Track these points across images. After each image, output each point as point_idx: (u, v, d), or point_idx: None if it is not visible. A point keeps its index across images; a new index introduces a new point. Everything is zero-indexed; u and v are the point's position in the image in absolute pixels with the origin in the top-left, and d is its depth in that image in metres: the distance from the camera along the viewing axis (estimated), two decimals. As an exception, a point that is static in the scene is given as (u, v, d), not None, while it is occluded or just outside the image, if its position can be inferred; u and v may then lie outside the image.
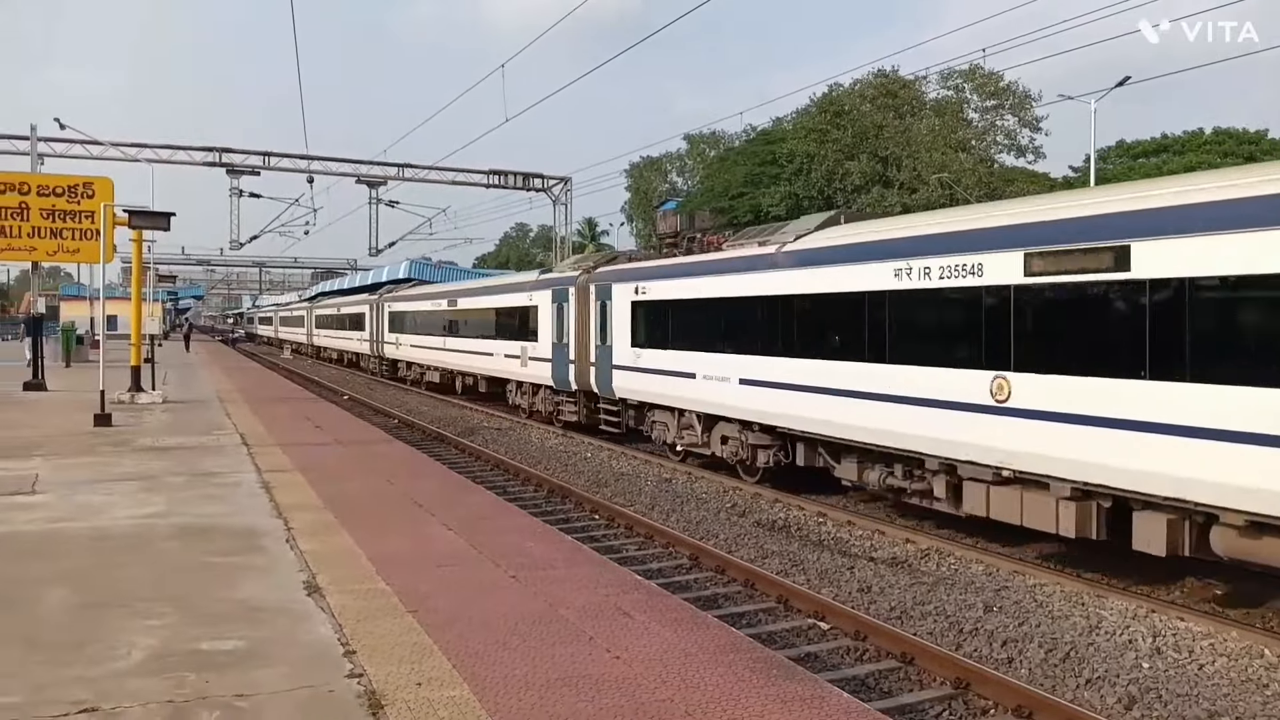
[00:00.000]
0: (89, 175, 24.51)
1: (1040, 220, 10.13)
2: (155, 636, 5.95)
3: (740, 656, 5.87)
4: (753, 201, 47.24)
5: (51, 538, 8.61)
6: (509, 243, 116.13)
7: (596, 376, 20.46)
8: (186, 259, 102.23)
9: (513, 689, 5.21)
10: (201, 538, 8.65)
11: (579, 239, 70.66)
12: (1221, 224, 8.28)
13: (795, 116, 49.78)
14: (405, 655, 5.67)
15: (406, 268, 52.06)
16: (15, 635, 5.94)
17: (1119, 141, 54.91)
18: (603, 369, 20.13)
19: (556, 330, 22.44)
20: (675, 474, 17.13)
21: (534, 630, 6.21)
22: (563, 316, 22.10)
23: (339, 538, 8.69)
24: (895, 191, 44.16)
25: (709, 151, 63.06)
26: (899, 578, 10.57)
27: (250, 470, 12.46)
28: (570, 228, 50.90)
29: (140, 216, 20.55)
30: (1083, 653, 8.31)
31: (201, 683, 5.22)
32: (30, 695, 5.01)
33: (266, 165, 42.44)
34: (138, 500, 10.31)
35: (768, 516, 13.81)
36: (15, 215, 22.04)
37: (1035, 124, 46.41)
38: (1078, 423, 9.44)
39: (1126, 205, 9.32)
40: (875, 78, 46.28)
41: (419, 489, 11.53)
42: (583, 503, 14.57)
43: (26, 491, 10.70)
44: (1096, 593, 9.83)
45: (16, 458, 13.12)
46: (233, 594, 6.90)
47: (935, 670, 7.83)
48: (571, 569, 7.96)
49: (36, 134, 28.05)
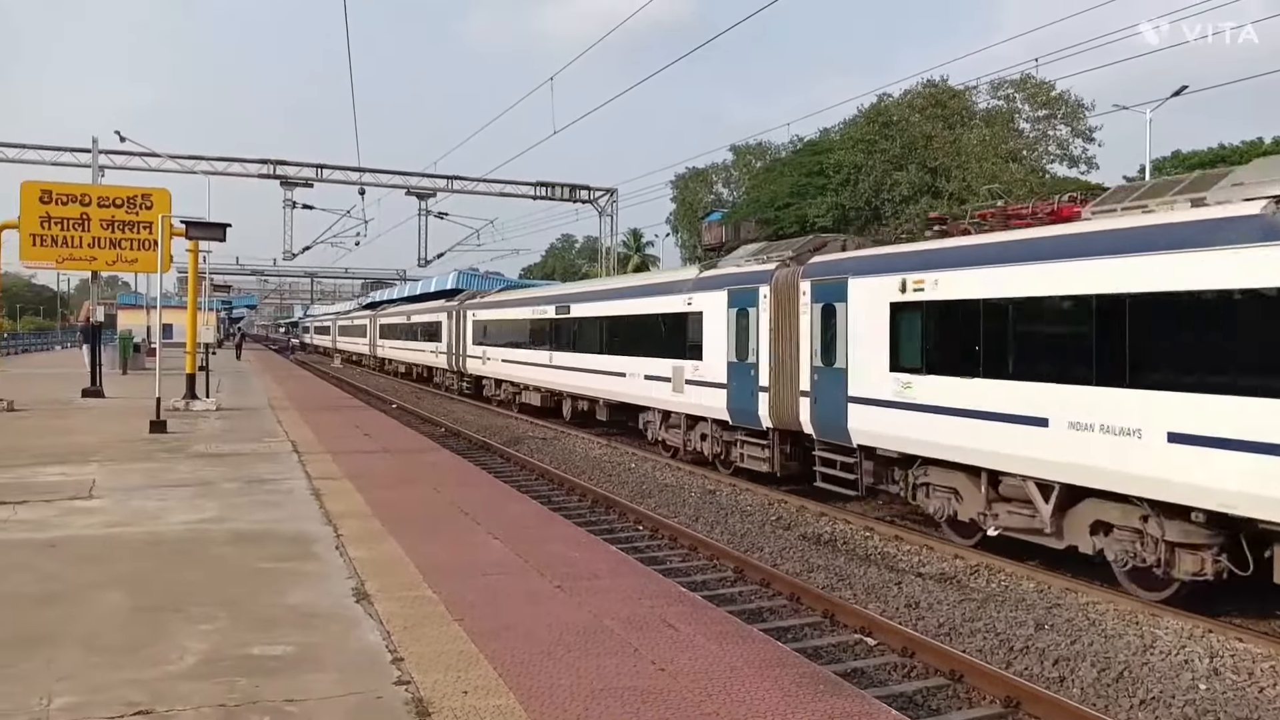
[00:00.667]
0: (148, 187, 25.08)
1: None
2: (208, 640, 6.04)
3: (787, 671, 5.82)
4: (799, 212, 47.07)
5: (108, 542, 8.79)
6: (555, 254, 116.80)
7: (813, 411, 14.75)
8: (240, 269, 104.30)
9: (558, 699, 5.21)
10: (253, 543, 8.78)
11: (624, 250, 70.91)
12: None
13: (843, 127, 49.57)
14: (452, 663, 5.71)
15: (454, 278, 52.58)
16: (73, 637, 6.06)
17: (1175, 152, 53.92)
18: (827, 401, 14.37)
19: (735, 344, 16.88)
20: (720, 486, 17.07)
21: (579, 641, 6.22)
22: (747, 325, 16.54)
23: (387, 545, 8.77)
24: (944, 202, 43.72)
25: (755, 163, 62.92)
26: (948, 594, 10.44)
27: (301, 477, 12.63)
28: (615, 239, 51.11)
29: (197, 227, 20.96)
30: (1137, 673, 8.15)
31: (252, 687, 5.29)
32: (87, 696, 5.11)
33: (319, 177, 43.21)
34: (192, 506, 10.50)
35: (813, 530, 13.71)
36: (77, 226, 22.60)
37: (1088, 134, 45.76)
38: None
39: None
40: (924, 87, 45.94)
41: (465, 497, 11.61)
42: (627, 513, 14.59)
43: (84, 496, 10.93)
44: (1151, 611, 9.62)
45: (74, 463, 13.42)
46: (283, 599, 6.99)
47: (985, 688, 7.72)
48: (616, 580, 7.95)
49: (98, 147, 28.85)
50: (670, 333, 19.56)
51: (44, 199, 22.46)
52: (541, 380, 27.63)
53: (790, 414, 15.37)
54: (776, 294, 15.84)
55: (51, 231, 22.40)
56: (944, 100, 45.61)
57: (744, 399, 16.61)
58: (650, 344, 20.38)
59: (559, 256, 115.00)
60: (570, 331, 25.60)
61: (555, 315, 26.71)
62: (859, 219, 45.88)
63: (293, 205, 44.03)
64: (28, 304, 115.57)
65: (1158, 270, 9.36)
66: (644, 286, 22.01)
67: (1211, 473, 8.75)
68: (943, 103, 45.64)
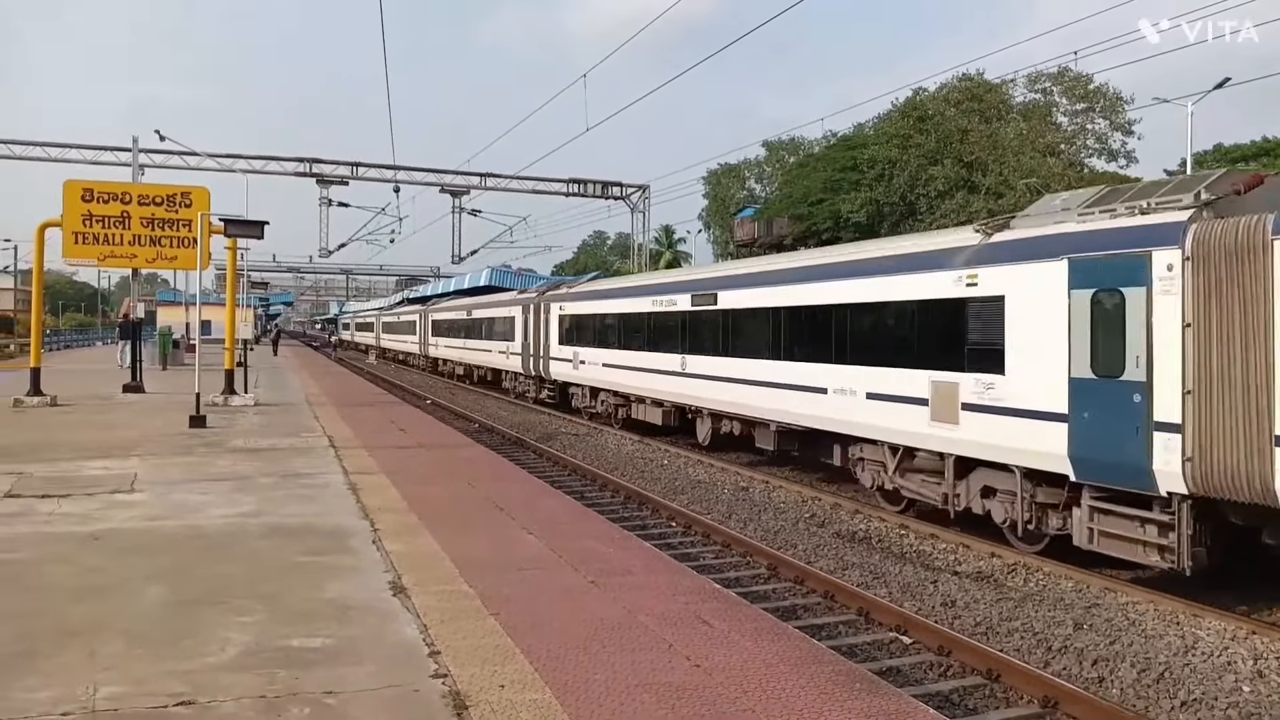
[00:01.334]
0: (187, 185, 25.41)
1: None
2: (248, 633, 6.12)
3: (822, 669, 5.80)
4: (832, 208, 46.83)
5: (149, 535, 8.93)
6: (587, 250, 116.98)
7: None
8: (277, 266, 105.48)
9: (594, 694, 5.23)
10: (291, 537, 8.88)
11: (656, 246, 70.86)
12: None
13: (877, 122, 49.22)
14: (488, 657, 5.74)
15: (487, 275, 52.86)
16: (116, 629, 6.16)
17: (1217, 145, 53.01)
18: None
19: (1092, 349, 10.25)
20: (752, 482, 17.01)
21: (614, 636, 6.23)
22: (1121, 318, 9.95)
23: (423, 539, 8.83)
24: (981, 197, 43.30)
25: (788, 158, 62.66)
26: (984, 592, 10.34)
27: (337, 472, 12.75)
28: (647, 235, 51.09)
29: (235, 225, 21.21)
30: (1178, 674, 8.02)
31: (291, 679, 5.35)
32: (131, 687, 5.20)
33: (355, 175, 43.59)
34: (231, 500, 10.64)
35: (848, 527, 13.64)
36: (118, 224, 22.93)
37: (1127, 127, 45.10)
38: None
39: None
40: (960, 81, 45.51)
41: (500, 492, 11.67)
42: (659, 510, 14.58)
43: (126, 490, 11.11)
44: (1192, 612, 9.47)
45: (116, 457, 13.64)
46: (321, 593, 7.07)
47: (1023, 688, 7.64)
48: (650, 576, 7.96)
49: (138, 146, 29.25)
50: (922, 330, 13.22)
51: (85, 197, 22.81)
52: (667, 391, 21.37)
53: (1241, 469, 8.94)
54: (1201, 260, 9.34)
55: (93, 229, 22.74)
56: (980, 94, 45.15)
57: (1111, 438, 10.10)
58: (878, 347, 14.15)
59: (591, 253, 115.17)
60: (717, 328, 19.21)
61: (692, 307, 20.23)
62: (893, 214, 45.58)
63: (329, 203, 44.49)
64: (69, 301, 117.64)
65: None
66: (876, 260, 14.61)
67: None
68: (979, 96, 45.18)
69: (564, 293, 29.84)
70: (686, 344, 20.27)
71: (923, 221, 43.16)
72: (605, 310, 25.86)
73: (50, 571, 7.57)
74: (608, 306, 25.74)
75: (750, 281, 18.32)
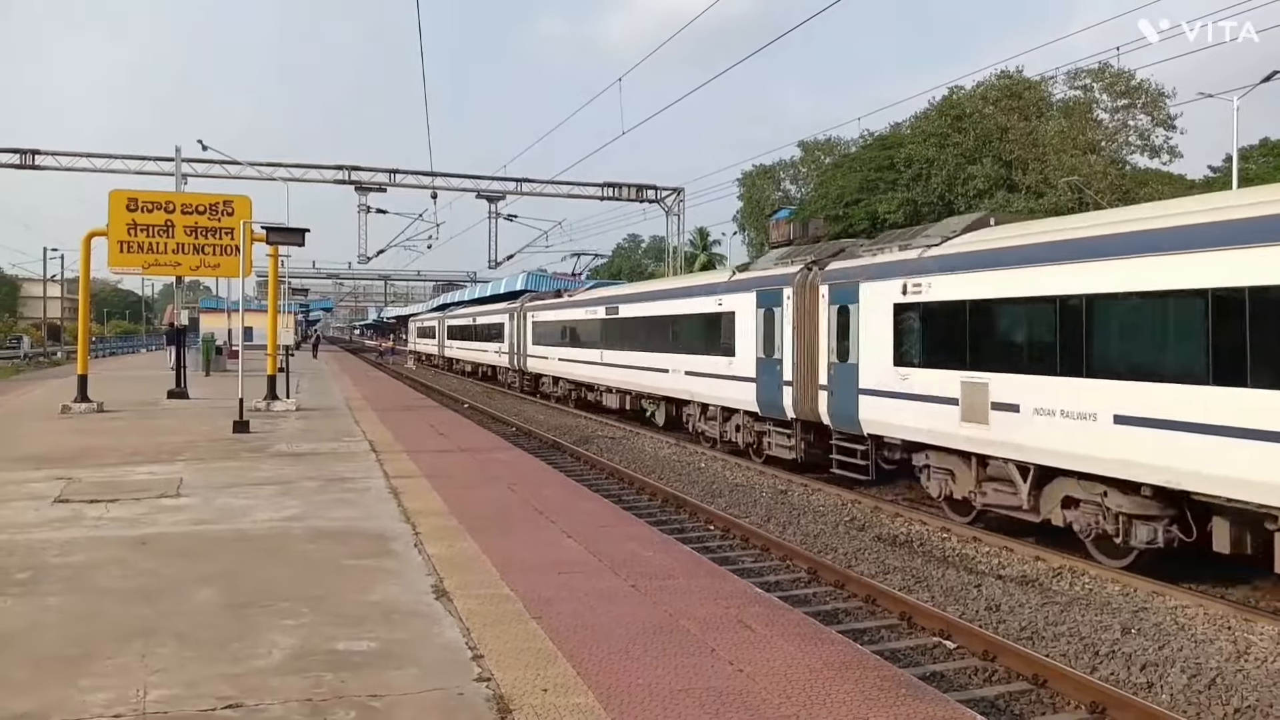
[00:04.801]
0: (229, 194, 25.77)
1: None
2: (294, 636, 6.19)
3: (866, 673, 5.75)
4: (869, 208, 46.49)
5: (196, 538, 9.06)
6: (621, 254, 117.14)
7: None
8: (317, 273, 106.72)
9: (636, 698, 5.22)
10: (335, 541, 8.97)
11: (690, 249, 70.76)
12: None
13: (914, 121, 48.81)
14: (531, 661, 5.76)
15: (524, 279, 53.04)
16: (167, 631, 6.26)
17: (1263, 140, 51.99)
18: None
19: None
20: (791, 485, 16.94)
21: (655, 640, 6.22)
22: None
23: (464, 543, 8.88)
24: (1021, 196, 42.80)
25: (824, 158, 62.28)
26: (1029, 597, 10.21)
27: (379, 476, 12.86)
28: (682, 238, 51.03)
29: (276, 233, 21.47)
30: (1230, 680, 7.87)
31: (338, 682, 5.40)
32: (182, 690, 5.27)
33: (393, 182, 43.95)
34: (275, 504, 10.76)
35: (888, 531, 13.53)
36: (161, 233, 23.29)
37: (1170, 123, 44.38)
38: None
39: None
40: (999, 79, 45.02)
41: (539, 496, 11.71)
42: (698, 513, 14.56)
43: (172, 495, 11.28)
44: (1244, 616, 9.30)
45: (163, 462, 13.86)
46: (366, 596, 7.13)
47: (1069, 693, 7.54)
48: (690, 579, 7.94)
49: (181, 155, 29.75)
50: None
51: (130, 207, 23.19)
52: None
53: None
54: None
55: (138, 238, 23.11)
56: (1019, 91, 44.64)
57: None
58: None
59: (625, 256, 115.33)
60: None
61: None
62: (931, 214, 45.16)
63: (367, 210, 44.88)
64: (114, 308, 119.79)
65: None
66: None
67: None
68: (1018, 94, 44.67)
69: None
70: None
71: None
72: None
73: (101, 575, 7.70)
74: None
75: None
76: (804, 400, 16.77)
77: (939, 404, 13.12)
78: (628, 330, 26.32)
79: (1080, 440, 10.76)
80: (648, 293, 26.23)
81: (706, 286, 21.42)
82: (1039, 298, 11.52)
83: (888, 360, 14.36)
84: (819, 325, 16.31)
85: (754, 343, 18.46)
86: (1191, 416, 9.51)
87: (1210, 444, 9.29)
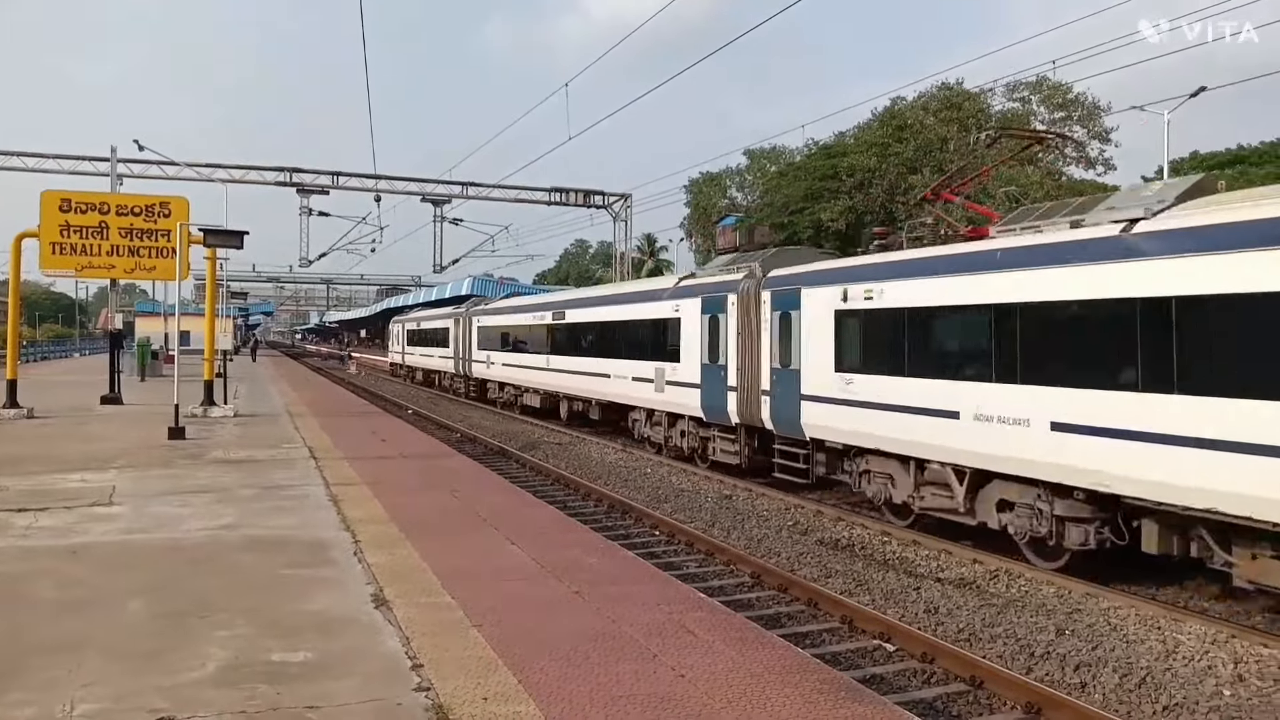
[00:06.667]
0: (166, 195, 25.26)
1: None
2: (229, 647, 6.07)
3: (807, 677, 5.80)
4: (813, 216, 46.99)
5: (128, 548, 8.85)
6: (569, 259, 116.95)
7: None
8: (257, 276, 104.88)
9: (578, 706, 5.21)
10: (272, 550, 8.82)
11: (638, 255, 70.88)
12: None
13: (857, 130, 49.47)
14: (471, 669, 5.71)
15: (470, 284, 52.66)
16: (95, 644, 6.10)
17: (1193, 153, 53.56)
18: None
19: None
20: (735, 491, 17.03)
21: (598, 647, 6.21)
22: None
23: (405, 551, 8.79)
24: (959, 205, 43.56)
25: (769, 166, 62.85)
26: (967, 599, 10.38)
27: (318, 483, 12.67)
28: (630, 244, 51.05)
29: (214, 235, 21.10)
30: (1159, 678, 8.08)
31: (274, 694, 5.31)
32: (110, 703, 5.15)
33: (335, 184, 43.32)
34: (211, 512, 10.55)
35: (830, 535, 13.66)
36: (95, 234, 22.77)
37: (1105, 135, 45.54)
38: None
39: None
40: (939, 90, 45.82)
41: (482, 503, 11.63)
42: (643, 519, 14.56)
43: (104, 503, 11.01)
44: (1173, 616, 9.55)
45: (94, 469, 13.52)
46: (303, 606, 7.02)
47: (1006, 694, 7.67)
48: (634, 585, 7.95)
49: (117, 155, 29.09)
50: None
51: (63, 208, 22.64)
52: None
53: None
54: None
55: (71, 240, 22.57)
56: (959, 103, 45.48)
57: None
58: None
59: (573, 262, 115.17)
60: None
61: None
62: (873, 222, 45.79)
63: (309, 212, 44.15)
64: (46, 312, 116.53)
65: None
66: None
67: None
68: (957, 105, 45.51)
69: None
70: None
71: (902, 229, 43.35)
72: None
73: (28, 586, 7.49)
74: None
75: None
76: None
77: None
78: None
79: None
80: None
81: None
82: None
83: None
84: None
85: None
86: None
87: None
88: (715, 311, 18.11)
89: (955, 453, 12.03)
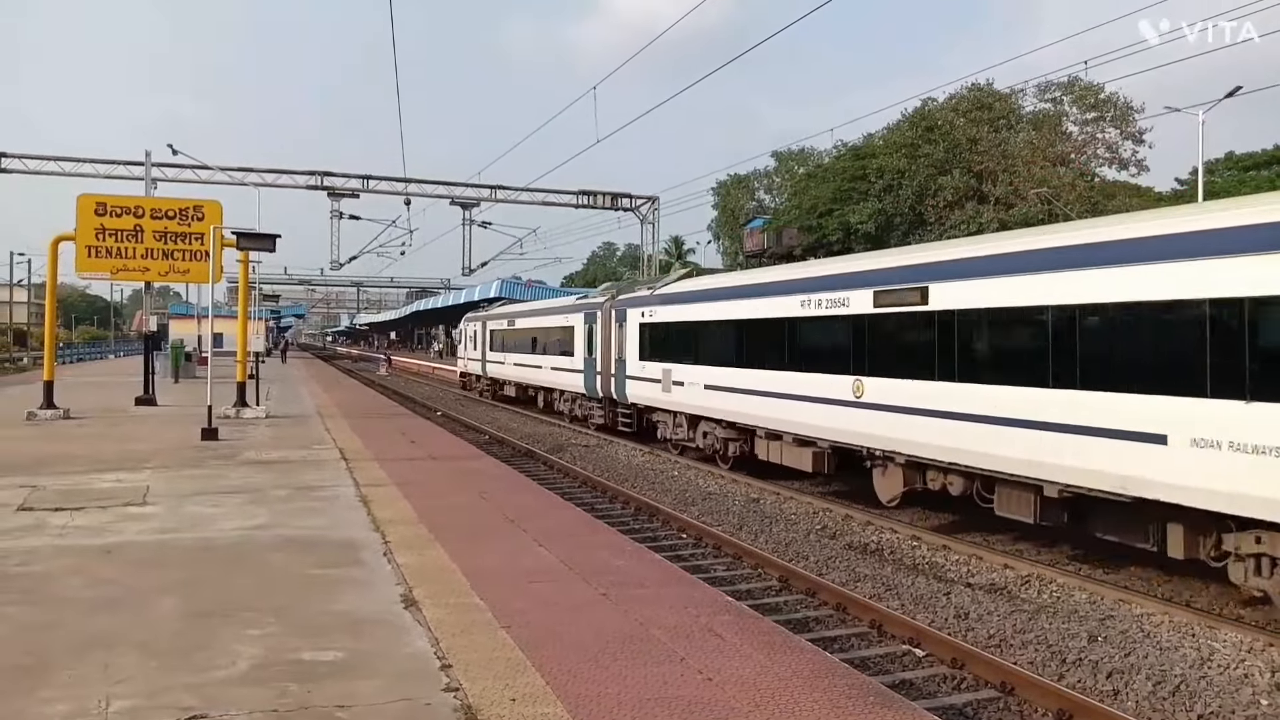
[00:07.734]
0: (199, 199, 25.52)
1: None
2: (259, 646, 6.12)
3: (836, 682, 5.76)
4: (841, 218, 46.73)
5: (162, 548, 8.95)
6: (596, 261, 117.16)
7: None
8: (289, 279, 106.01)
9: (605, 708, 5.21)
10: (303, 550, 8.88)
11: (665, 257, 70.89)
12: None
13: (886, 132, 49.16)
14: (500, 671, 5.73)
15: (498, 287, 52.88)
16: (130, 641, 6.17)
17: (1229, 153, 52.85)
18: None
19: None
20: (763, 494, 16.97)
21: (625, 649, 6.21)
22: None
23: (434, 551, 8.83)
24: (991, 207, 43.19)
25: (797, 168, 62.62)
26: (998, 604, 10.28)
27: (349, 484, 12.76)
28: (657, 246, 51.04)
29: (247, 238, 21.28)
30: (1194, 686, 7.96)
31: (303, 693, 5.35)
32: (143, 700, 5.20)
33: (365, 188, 43.66)
34: (243, 512, 10.65)
35: (859, 539, 13.59)
36: (130, 237, 23.03)
37: (1138, 136, 44.96)
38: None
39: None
40: (969, 91, 45.45)
41: (510, 504, 11.66)
42: (670, 521, 14.55)
43: (138, 503, 11.14)
44: (1208, 624, 9.41)
45: (128, 470, 13.69)
46: (333, 605, 7.07)
47: (1037, 701, 7.59)
48: (661, 588, 7.94)
49: (151, 159, 29.45)
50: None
51: (99, 211, 22.92)
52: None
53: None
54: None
55: (106, 243, 22.83)
56: (989, 103, 45.08)
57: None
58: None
59: (600, 264, 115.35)
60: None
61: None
62: (903, 225, 45.51)
63: (340, 216, 44.53)
64: (82, 314, 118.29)
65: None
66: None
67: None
68: (988, 106, 45.11)
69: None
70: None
71: (931, 232, 43.06)
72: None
73: (63, 585, 7.59)
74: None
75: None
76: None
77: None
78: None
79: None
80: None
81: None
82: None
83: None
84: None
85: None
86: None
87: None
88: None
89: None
